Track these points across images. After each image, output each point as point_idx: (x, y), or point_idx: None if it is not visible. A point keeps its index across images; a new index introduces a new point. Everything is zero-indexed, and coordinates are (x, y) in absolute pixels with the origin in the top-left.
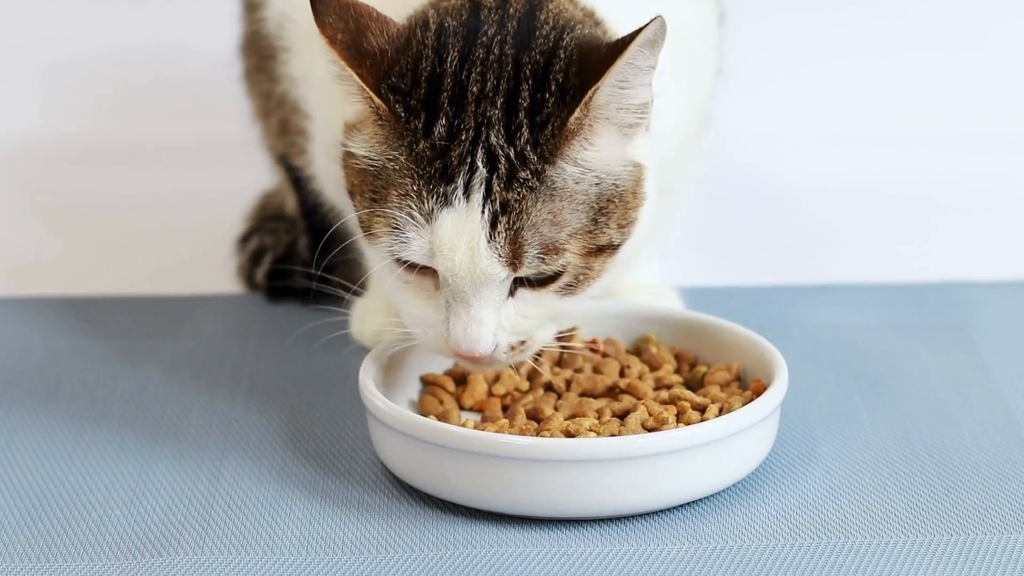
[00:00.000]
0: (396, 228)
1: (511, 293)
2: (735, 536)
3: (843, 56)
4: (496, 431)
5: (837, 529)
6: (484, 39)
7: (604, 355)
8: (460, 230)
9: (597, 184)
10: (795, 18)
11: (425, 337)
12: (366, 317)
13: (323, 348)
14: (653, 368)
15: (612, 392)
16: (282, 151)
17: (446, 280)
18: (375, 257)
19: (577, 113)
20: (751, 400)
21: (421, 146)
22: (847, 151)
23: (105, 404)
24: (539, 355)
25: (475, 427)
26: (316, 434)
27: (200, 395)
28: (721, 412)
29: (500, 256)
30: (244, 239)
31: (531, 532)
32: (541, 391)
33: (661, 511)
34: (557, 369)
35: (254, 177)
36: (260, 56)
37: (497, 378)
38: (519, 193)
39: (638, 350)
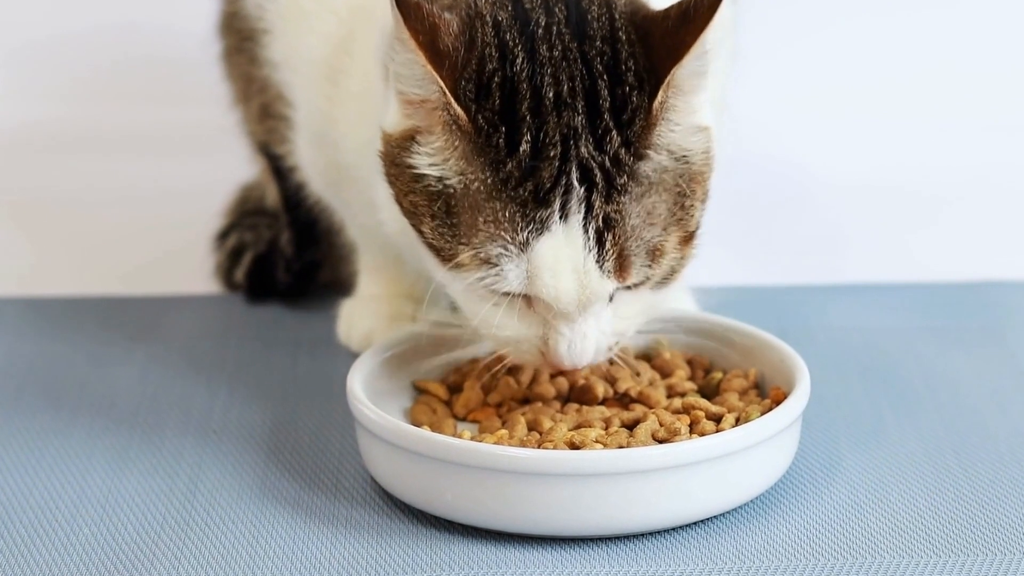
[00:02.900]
0: (487, 262)
1: (609, 298)
2: (753, 556)
3: (871, 39)
4: (495, 442)
5: (863, 549)
6: (540, 31)
7: (611, 361)
8: (562, 255)
9: (680, 164)
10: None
11: (517, 353)
12: (355, 319)
13: (308, 353)
14: (664, 375)
15: (621, 400)
16: (263, 138)
17: (547, 304)
18: (456, 285)
19: (660, 96)
20: (770, 409)
21: (508, 167)
22: (873, 142)
23: (72, 413)
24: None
25: (472, 438)
26: (300, 445)
27: (175, 404)
28: (738, 422)
29: (609, 273)
30: (222, 235)
31: (533, 552)
32: (539, 402)
33: (673, 529)
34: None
35: (233, 168)
36: (239, 37)
37: (493, 387)
38: (618, 203)
39: (648, 355)
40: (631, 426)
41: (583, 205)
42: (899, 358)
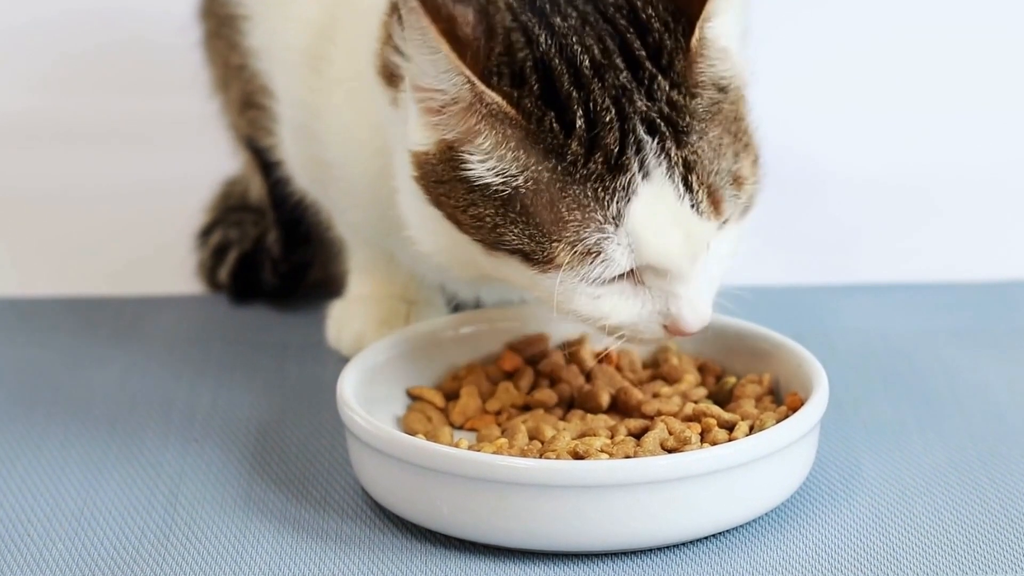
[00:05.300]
0: (589, 253)
1: None
2: (768, 573)
3: (896, 23)
4: (494, 452)
5: (885, 565)
6: (548, 5)
7: (618, 367)
8: (659, 211)
9: (725, 93)
10: None
11: (635, 333)
12: (345, 321)
13: (296, 357)
14: (671, 382)
15: (626, 407)
16: (246, 130)
17: (658, 271)
18: (549, 285)
19: (697, 33)
20: (786, 417)
21: (573, 147)
22: (895, 135)
23: (46, 420)
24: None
25: (469, 447)
26: (288, 455)
27: (155, 410)
28: (752, 430)
29: (705, 213)
30: (205, 232)
31: (533, 568)
32: (541, 409)
33: (683, 544)
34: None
35: (215, 161)
36: (218, 22)
37: (492, 393)
38: (690, 143)
39: (655, 361)
40: (638, 434)
41: (660, 156)
42: (922, 362)
